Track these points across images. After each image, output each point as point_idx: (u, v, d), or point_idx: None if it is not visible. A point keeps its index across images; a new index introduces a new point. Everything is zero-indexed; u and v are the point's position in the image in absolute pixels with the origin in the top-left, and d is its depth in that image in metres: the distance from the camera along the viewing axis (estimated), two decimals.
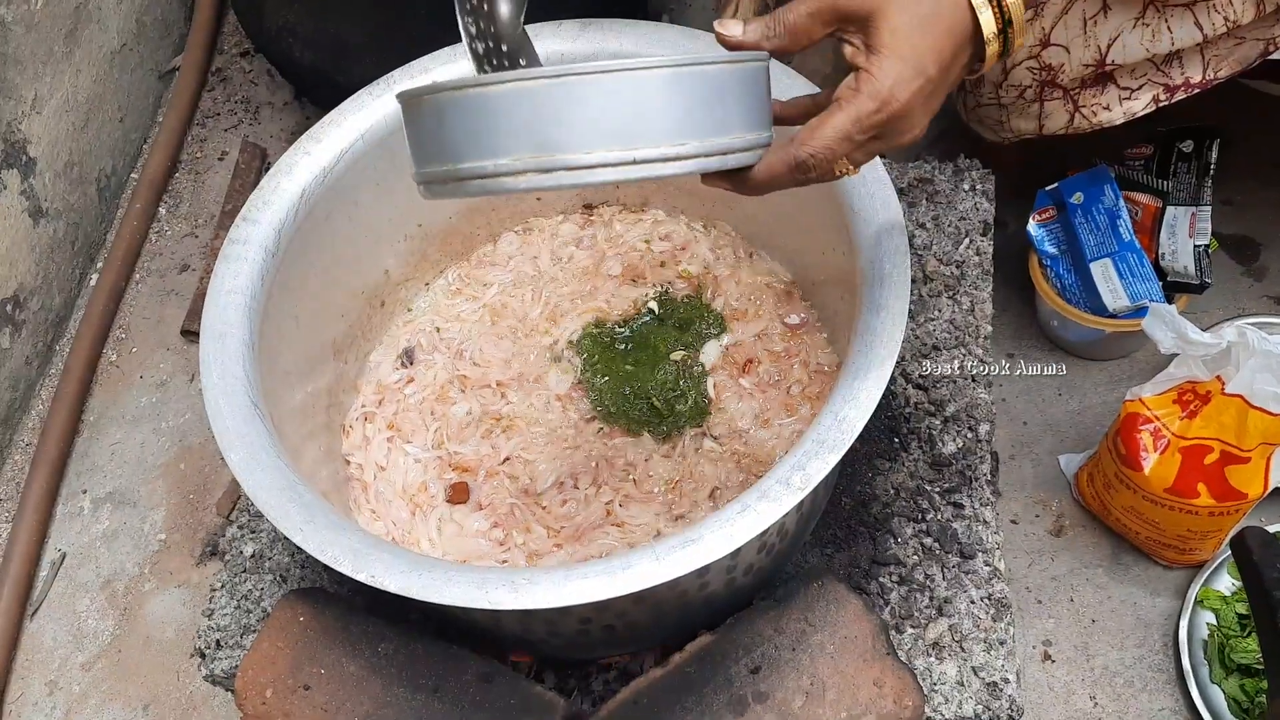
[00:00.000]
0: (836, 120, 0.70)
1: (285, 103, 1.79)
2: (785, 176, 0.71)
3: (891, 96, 0.69)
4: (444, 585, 0.77)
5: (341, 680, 0.90)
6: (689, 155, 0.66)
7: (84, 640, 1.36)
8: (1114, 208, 1.24)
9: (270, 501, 0.82)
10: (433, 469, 1.08)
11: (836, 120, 0.70)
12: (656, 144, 0.65)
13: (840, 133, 0.69)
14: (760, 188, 0.72)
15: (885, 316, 0.84)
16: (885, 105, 0.69)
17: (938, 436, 1.06)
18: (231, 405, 0.88)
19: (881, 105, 0.69)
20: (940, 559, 1.00)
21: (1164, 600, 1.22)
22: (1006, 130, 1.19)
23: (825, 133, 0.70)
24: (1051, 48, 1.07)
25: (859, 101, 0.69)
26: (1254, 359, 1.03)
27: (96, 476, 1.48)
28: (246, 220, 0.98)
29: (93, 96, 1.63)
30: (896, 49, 0.69)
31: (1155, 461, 1.11)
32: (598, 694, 1.02)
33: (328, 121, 1.04)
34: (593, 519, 1.02)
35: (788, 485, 0.78)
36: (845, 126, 0.69)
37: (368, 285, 1.13)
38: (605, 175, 0.65)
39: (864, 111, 0.69)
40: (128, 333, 1.60)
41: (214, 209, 1.69)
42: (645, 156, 0.65)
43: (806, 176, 0.71)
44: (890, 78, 0.69)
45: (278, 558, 1.10)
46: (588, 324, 1.16)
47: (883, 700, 0.86)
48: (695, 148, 0.66)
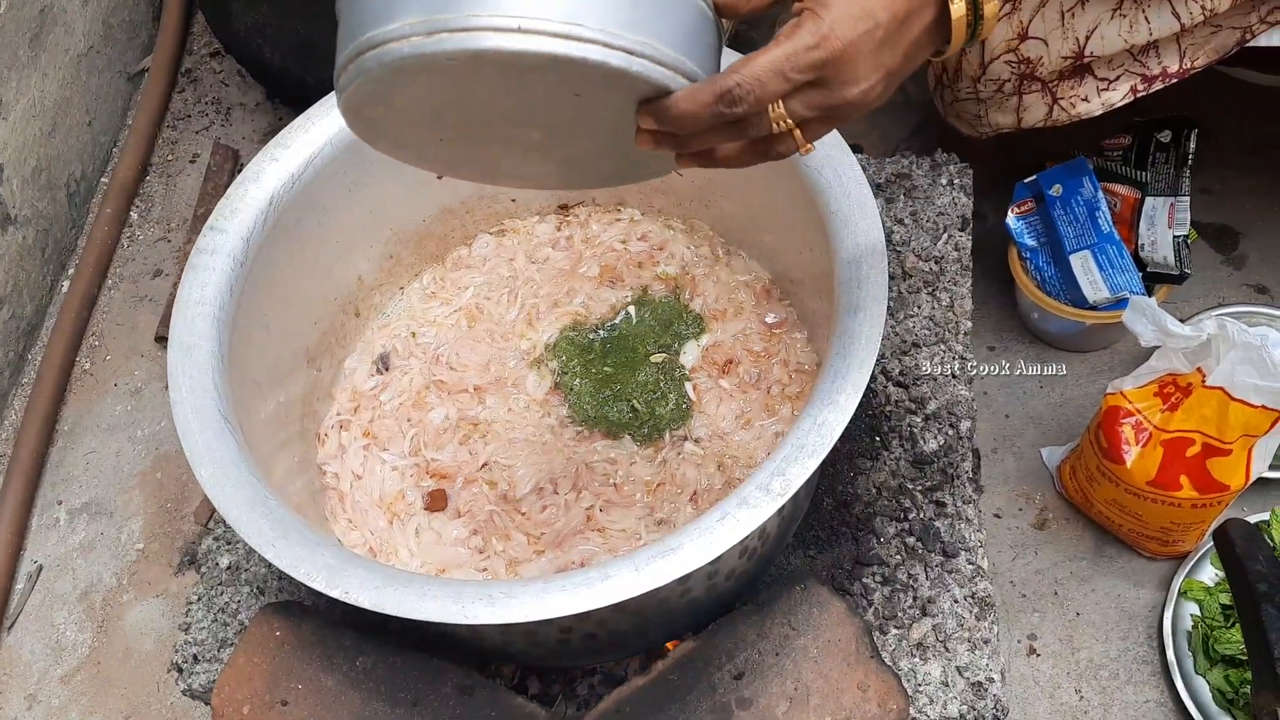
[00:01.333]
0: (771, 53, 0.64)
1: (257, 103, 1.77)
2: (708, 107, 0.64)
3: (831, 33, 0.64)
4: (419, 600, 0.76)
5: (320, 695, 0.88)
6: (585, 38, 0.60)
7: (63, 653, 1.35)
8: (1093, 199, 1.23)
9: (241, 518, 0.81)
10: (410, 476, 1.07)
11: (771, 53, 0.64)
12: (549, 18, 0.60)
13: (773, 65, 0.64)
14: (680, 118, 0.65)
15: (863, 318, 0.83)
16: (824, 41, 0.64)
17: (919, 434, 1.06)
18: (201, 420, 0.86)
19: (820, 41, 0.64)
20: (923, 558, 0.99)
21: (1147, 592, 1.22)
22: (984, 125, 1.18)
23: (757, 63, 0.64)
24: (1029, 41, 1.07)
25: (797, 36, 0.64)
26: (1234, 351, 1.03)
27: (72, 486, 1.46)
28: (214, 229, 0.96)
29: (60, 101, 1.60)
30: None
31: (1137, 454, 1.10)
32: (582, 698, 1.01)
33: (295, 127, 1.02)
34: (573, 525, 1.01)
35: (767, 491, 0.77)
36: (779, 60, 0.64)
37: (340, 291, 1.12)
38: (488, 41, 0.60)
39: (800, 46, 0.64)
40: (101, 340, 1.58)
41: (186, 213, 1.66)
42: (532, 27, 0.60)
43: (734, 112, 0.65)
44: (831, 13, 0.64)
45: (254, 569, 1.09)
46: (565, 326, 1.15)
47: (867, 704, 0.86)
48: (593, 33, 0.60)
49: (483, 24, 0.60)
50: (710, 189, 1.15)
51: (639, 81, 0.64)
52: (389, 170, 1.07)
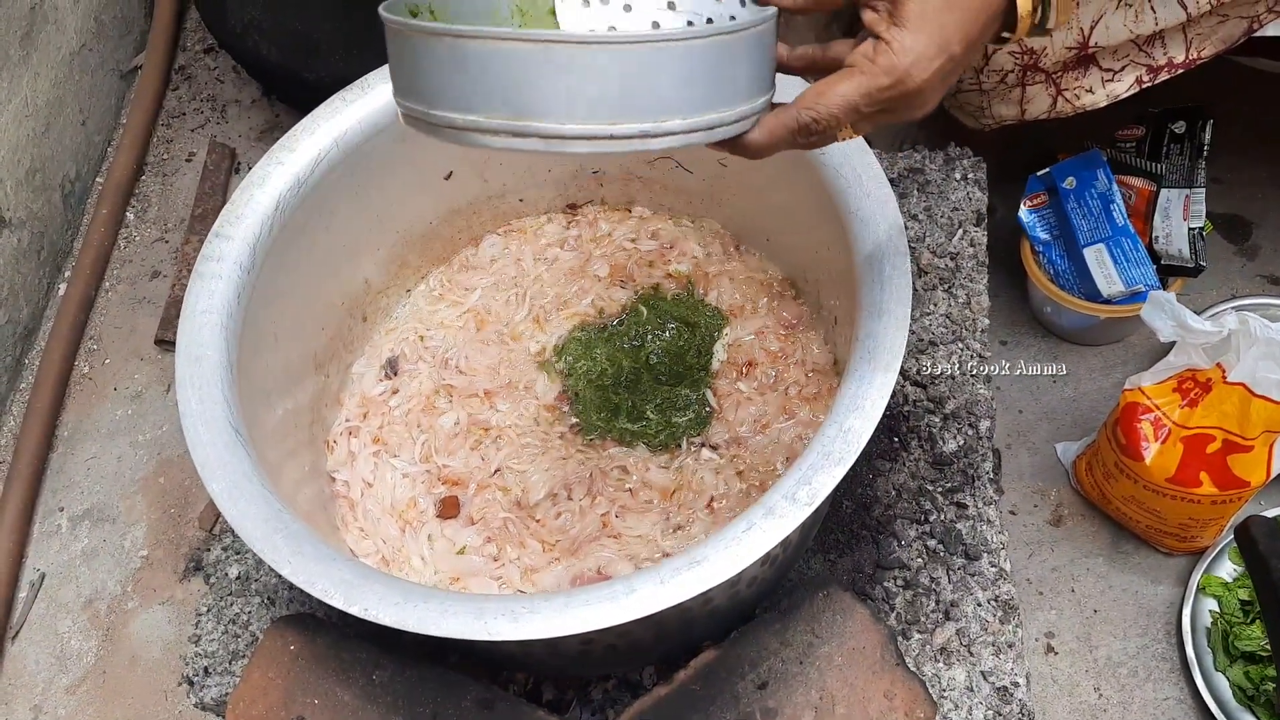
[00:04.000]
0: (845, 89, 0.65)
1: (253, 100, 1.74)
2: (785, 140, 0.67)
3: (908, 75, 0.64)
4: (440, 617, 0.75)
5: (336, 711, 0.87)
6: (673, 132, 0.62)
7: (68, 662, 1.33)
8: (1107, 192, 1.22)
9: (256, 533, 0.79)
10: (421, 483, 1.05)
11: (845, 89, 0.65)
12: (639, 119, 0.61)
13: (848, 102, 0.65)
14: (760, 152, 0.68)
15: (888, 321, 0.82)
16: (900, 83, 0.64)
17: (938, 434, 1.04)
18: (212, 432, 0.84)
19: (896, 82, 0.64)
20: (945, 561, 0.98)
21: (1165, 588, 1.21)
22: (987, 117, 1.17)
23: (832, 99, 0.65)
24: None
25: (873, 74, 0.64)
26: (1256, 347, 1.02)
27: (73, 493, 1.44)
28: (219, 236, 0.94)
29: (53, 100, 1.57)
30: (923, 24, 0.64)
31: (1156, 451, 1.09)
32: (597, 703, 1.00)
33: (301, 129, 1.00)
34: (589, 531, 1.00)
35: (794, 500, 0.76)
36: (853, 98, 0.65)
37: (347, 295, 1.10)
38: (580, 148, 0.61)
39: (876, 86, 0.64)
40: (99, 343, 1.56)
41: (183, 212, 1.64)
42: (624, 133, 0.61)
43: (808, 141, 0.67)
44: (911, 55, 0.64)
45: (264, 579, 1.07)
46: (575, 328, 1.13)
47: (893, 713, 0.84)
48: (679, 125, 0.62)
49: (574, 132, 0.60)
50: (722, 187, 1.13)
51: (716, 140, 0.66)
52: (395, 172, 1.06)
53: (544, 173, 1.17)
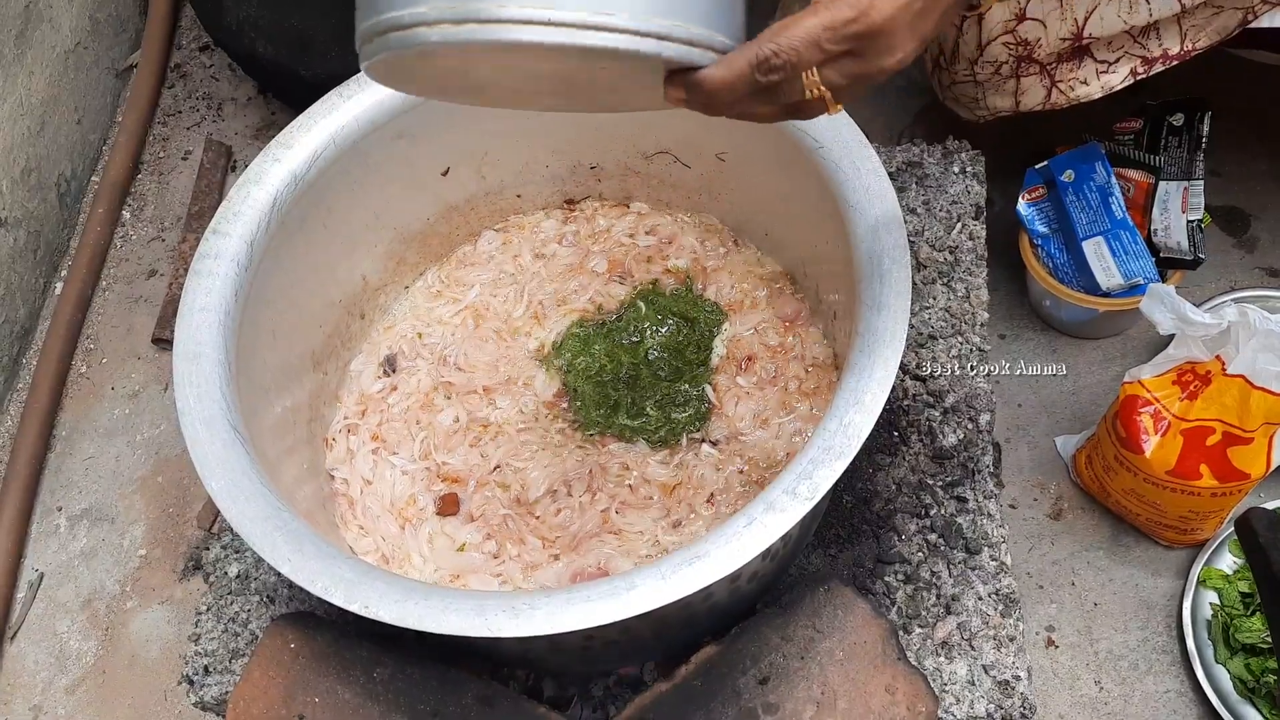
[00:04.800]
0: (808, 22, 0.63)
1: (249, 98, 1.74)
2: (744, 77, 0.64)
3: (872, 6, 0.62)
4: (441, 614, 0.74)
5: (337, 709, 0.87)
6: (616, 28, 0.60)
7: (67, 662, 1.33)
8: (1106, 185, 1.21)
9: (256, 532, 0.79)
10: (420, 481, 1.05)
11: (808, 22, 0.63)
12: (579, 7, 0.59)
13: (810, 35, 0.63)
14: (717, 93, 0.65)
15: (887, 315, 0.82)
16: (864, 16, 0.62)
17: (938, 428, 1.04)
18: (210, 431, 0.84)
19: (860, 15, 0.62)
20: (946, 555, 0.98)
21: (1166, 581, 1.21)
22: (982, 108, 1.17)
23: (794, 32, 0.63)
24: (1027, 22, 1.05)
25: (836, 8, 0.63)
26: (1256, 339, 1.01)
27: (71, 493, 1.44)
28: (216, 233, 0.94)
29: (48, 98, 1.57)
30: None
31: (1156, 444, 1.09)
32: (598, 700, 1.00)
33: (297, 126, 0.99)
34: (589, 528, 0.99)
35: (794, 495, 0.76)
36: (816, 30, 0.63)
37: (345, 293, 1.10)
38: (518, 34, 0.59)
39: (840, 19, 0.63)
40: (96, 343, 1.55)
41: (180, 211, 1.63)
42: (563, 19, 0.59)
43: (769, 79, 0.64)
44: None
45: (264, 577, 1.07)
46: (573, 324, 1.12)
47: (896, 707, 0.84)
48: (624, 21, 0.60)
49: (512, 15, 0.59)
50: (719, 182, 1.13)
51: (670, 62, 0.64)
52: (393, 169, 1.06)
53: (541, 168, 1.17)
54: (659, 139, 1.12)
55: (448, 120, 1.05)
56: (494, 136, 1.11)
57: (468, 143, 1.11)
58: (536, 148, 1.14)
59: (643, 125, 1.12)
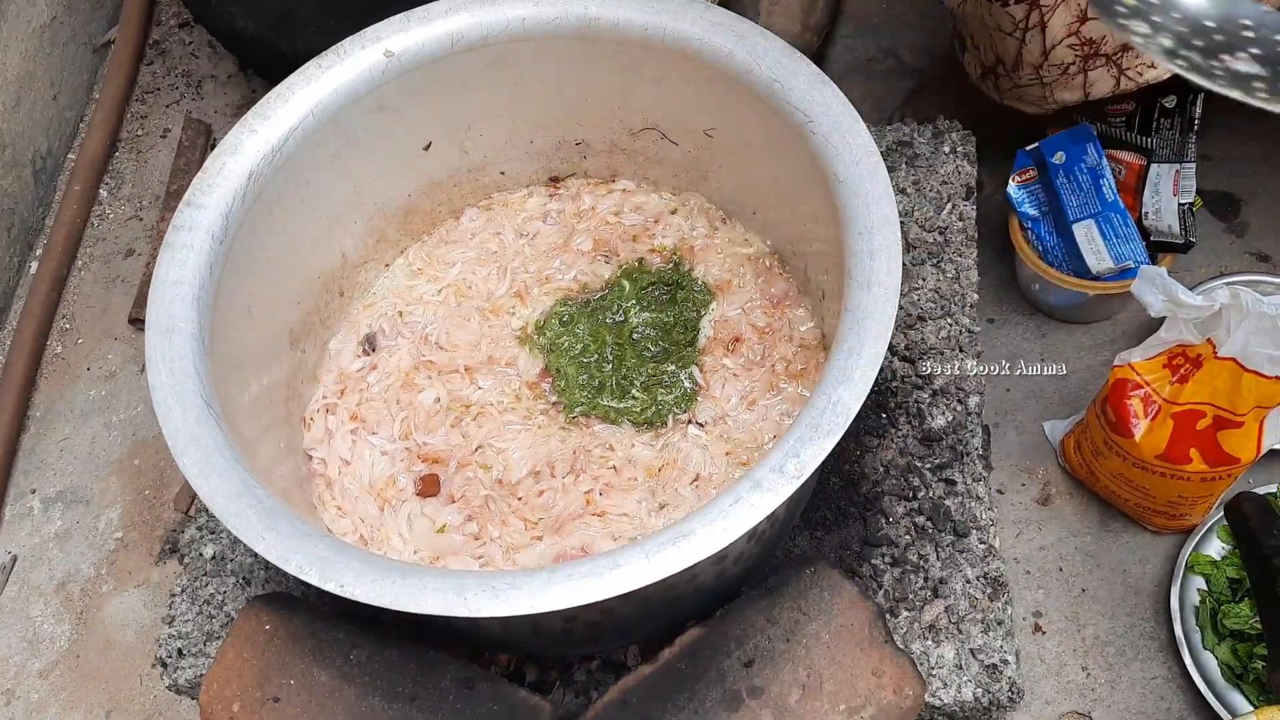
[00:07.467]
0: None
1: (229, 75, 1.71)
2: None
3: None
4: (419, 593, 0.73)
5: (313, 691, 0.85)
6: None
7: (40, 646, 1.30)
8: (1097, 167, 1.20)
9: (228, 509, 0.77)
10: (400, 461, 1.03)
11: None
12: None
13: None
14: None
15: (877, 291, 0.80)
16: None
17: (926, 410, 1.03)
18: (183, 406, 0.82)
19: None
20: (934, 538, 0.97)
21: (1153, 567, 1.20)
22: (1050, 103, 1.17)
23: None
24: (1091, 22, 1.05)
25: None
26: (1248, 321, 1.00)
27: (46, 475, 1.41)
28: (191, 205, 0.92)
29: (23, 74, 1.54)
30: None
31: (1146, 428, 1.08)
32: (580, 685, 0.98)
33: (275, 96, 0.97)
34: (572, 509, 0.98)
35: (782, 473, 0.74)
36: None
37: (324, 269, 1.07)
38: None
39: None
40: (72, 323, 1.52)
41: (158, 190, 1.61)
42: None
43: None
44: None
45: (240, 559, 1.05)
46: (557, 303, 1.11)
47: (882, 690, 0.83)
48: None
49: None
50: (707, 159, 1.11)
51: None
52: (373, 143, 1.04)
53: (526, 144, 1.15)
54: (646, 115, 1.10)
55: (429, 93, 1.03)
56: (477, 111, 1.09)
57: (450, 117, 1.08)
58: (521, 123, 1.12)
59: (629, 100, 1.10)
